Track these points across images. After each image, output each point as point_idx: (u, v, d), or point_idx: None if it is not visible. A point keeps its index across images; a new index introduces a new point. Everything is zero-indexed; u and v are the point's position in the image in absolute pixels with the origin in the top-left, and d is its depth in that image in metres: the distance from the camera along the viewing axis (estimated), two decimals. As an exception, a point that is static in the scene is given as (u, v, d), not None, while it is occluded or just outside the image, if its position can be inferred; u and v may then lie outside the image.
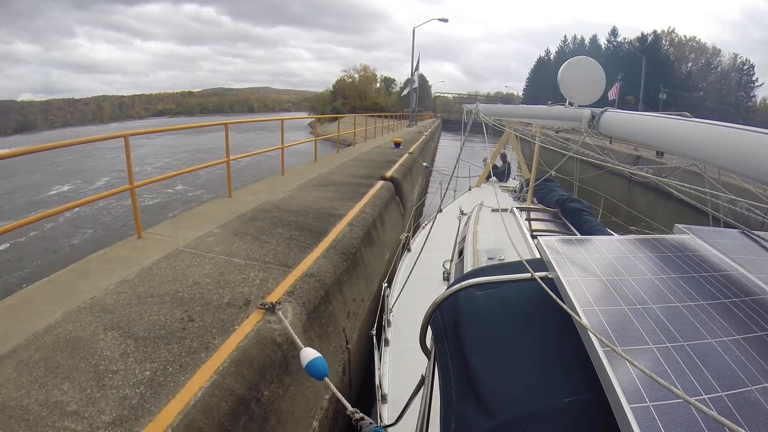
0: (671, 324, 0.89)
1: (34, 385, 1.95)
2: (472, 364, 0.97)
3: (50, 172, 20.16)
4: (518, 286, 1.13)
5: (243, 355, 2.19)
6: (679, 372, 0.75)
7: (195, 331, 2.38)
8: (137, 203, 3.93)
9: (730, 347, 0.82)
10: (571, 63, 3.49)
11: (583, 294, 0.97)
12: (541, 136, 4.66)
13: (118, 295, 2.79)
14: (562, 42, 64.92)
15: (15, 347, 2.24)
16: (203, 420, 1.78)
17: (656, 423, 0.65)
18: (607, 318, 0.89)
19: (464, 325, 1.08)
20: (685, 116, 1.47)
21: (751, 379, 0.75)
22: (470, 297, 1.14)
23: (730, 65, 49.14)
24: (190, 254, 3.51)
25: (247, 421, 1.97)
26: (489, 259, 3.14)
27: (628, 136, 1.84)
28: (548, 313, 1.00)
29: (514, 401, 0.86)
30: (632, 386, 0.71)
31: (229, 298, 2.77)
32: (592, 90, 3.33)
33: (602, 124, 2.00)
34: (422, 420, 1.26)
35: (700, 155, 1.17)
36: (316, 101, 80.00)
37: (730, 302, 0.98)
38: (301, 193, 6.10)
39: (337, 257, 3.76)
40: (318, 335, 2.93)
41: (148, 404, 1.83)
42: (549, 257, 1.14)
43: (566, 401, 0.82)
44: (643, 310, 0.93)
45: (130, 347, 2.23)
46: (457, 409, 0.94)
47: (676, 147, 1.31)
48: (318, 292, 3.11)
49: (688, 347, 0.82)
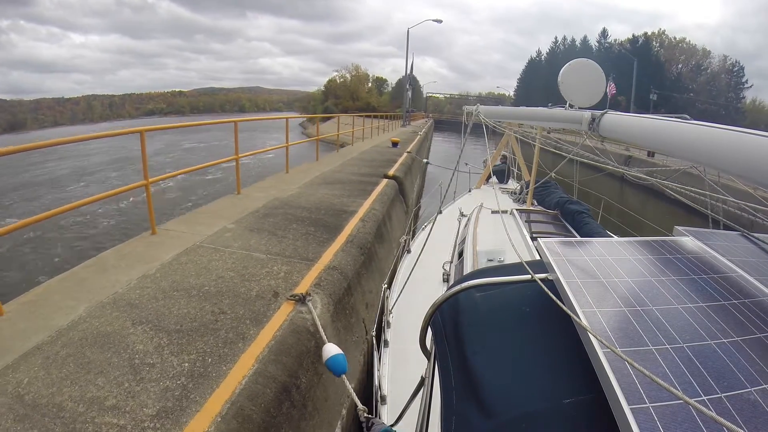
0: (671, 325, 0.89)
1: (66, 382, 1.89)
2: (472, 365, 0.97)
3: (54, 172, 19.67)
4: (518, 288, 1.13)
5: (280, 344, 2.17)
6: (679, 373, 0.76)
7: (228, 322, 2.35)
8: (152, 199, 3.86)
9: (729, 349, 0.83)
10: (572, 65, 3.51)
11: (583, 295, 0.98)
12: (542, 138, 4.70)
13: (141, 290, 2.74)
14: (553, 43, 65.88)
15: (39, 344, 2.18)
16: (251, 407, 1.75)
17: (656, 424, 0.65)
18: (607, 319, 0.90)
19: (464, 326, 1.07)
20: (685, 119, 1.49)
21: (750, 381, 0.75)
22: (470, 298, 1.14)
23: (720, 67, 50.22)
24: (209, 249, 3.46)
25: (289, 407, 1.96)
26: (489, 260, 3.16)
27: (628, 138, 1.84)
28: (548, 314, 1.00)
29: (514, 402, 0.86)
30: (632, 387, 0.71)
31: (257, 291, 2.73)
32: (592, 92, 3.33)
33: (602, 126, 2.00)
34: (422, 421, 1.26)
35: (700, 157, 1.19)
36: (307, 101, 79.84)
37: (730, 304, 0.98)
38: (308, 190, 6.07)
39: (355, 251, 3.75)
40: (344, 326, 2.92)
41: (192, 395, 1.79)
42: (549, 259, 1.14)
43: (566, 402, 0.82)
44: (643, 311, 0.93)
45: (163, 340, 2.18)
46: (457, 410, 0.94)
47: (676, 149, 1.32)
48: (341, 284, 3.10)
49: (687, 349, 0.82)
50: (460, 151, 4.41)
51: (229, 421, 1.65)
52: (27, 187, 16.10)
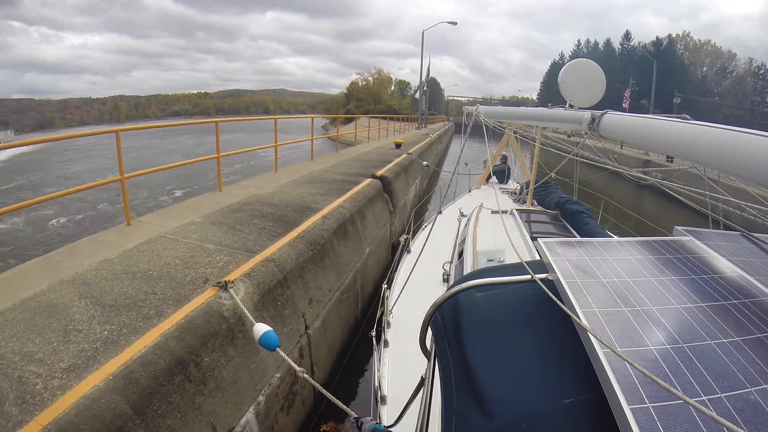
0: (671, 325, 0.89)
1: (12, 339, 2.31)
2: (472, 366, 0.97)
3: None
4: (518, 288, 1.14)
5: (189, 323, 2.51)
6: (679, 373, 0.76)
7: (154, 302, 2.73)
8: (127, 194, 4.34)
9: (729, 349, 0.83)
10: (572, 65, 3.54)
11: (583, 295, 0.98)
12: (542, 138, 4.74)
13: (97, 272, 3.16)
14: (576, 45, 64.33)
15: (3, 310, 2.62)
16: (140, 372, 2.10)
17: (656, 424, 0.65)
18: (607, 319, 0.90)
19: (464, 326, 1.08)
20: (685, 119, 1.51)
21: (750, 381, 0.75)
22: (470, 298, 1.14)
23: (745, 70, 47.90)
24: (168, 240, 3.88)
25: (183, 380, 2.28)
26: (489, 260, 3.19)
27: (627, 138, 1.87)
28: (548, 314, 1.00)
29: (515, 402, 0.87)
30: (632, 387, 0.72)
31: (192, 277, 3.11)
32: (592, 92, 3.33)
33: (602, 126, 2.03)
34: (422, 421, 1.27)
35: (700, 157, 1.20)
36: (330, 103, 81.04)
37: (730, 304, 0.98)
38: (287, 188, 6.44)
39: (302, 246, 4.07)
40: (271, 315, 3.23)
41: (99, 356, 2.17)
42: (549, 259, 1.15)
43: (566, 402, 0.82)
44: (643, 311, 0.94)
45: (97, 312, 2.58)
46: (457, 410, 0.95)
47: (675, 149, 1.35)
48: (275, 276, 3.42)
49: (687, 348, 0.82)
50: (460, 151, 4.58)
51: (118, 380, 2.01)
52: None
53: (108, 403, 1.91)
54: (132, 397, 2.00)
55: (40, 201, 4.07)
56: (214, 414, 2.43)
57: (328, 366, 4.27)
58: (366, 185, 7.22)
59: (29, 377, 2.00)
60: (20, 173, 21.02)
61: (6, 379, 1.97)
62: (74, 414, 1.80)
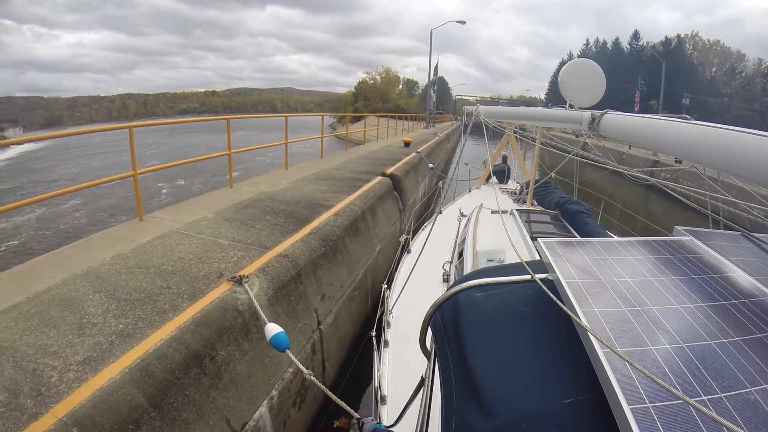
0: (670, 325, 0.89)
1: (27, 332, 2.29)
2: (472, 366, 0.97)
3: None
4: (518, 288, 1.14)
5: (204, 317, 2.48)
6: (679, 373, 0.76)
7: (169, 296, 2.70)
8: (139, 189, 4.33)
9: (729, 349, 0.83)
10: (572, 65, 3.55)
11: (583, 295, 0.98)
12: (542, 138, 4.71)
13: (111, 266, 3.15)
14: (584, 45, 63.66)
15: (17, 303, 2.61)
16: (157, 365, 2.07)
17: (656, 424, 0.65)
18: (607, 319, 0.90)
19: (464, 326, 1.08)
20: (686, 119, 1.49)
21: (750, 381, 0.75)
22: (470, 298, 1.14)
23: (755, 70, 47.18)
24: (181, 235, 3.86)
25: (199, 373, 2.25)
26: (489, 260, 3.18)
27: (628, 137, 1.86)
28: (548, 314, 1.00)
29: (515, 402, 0.87)
30: (632, 387, 0.72)
31: (206, 272, 3.08)
32: (592, 92, 3.30)
33: (602, 126, 2.01)
34: (422, 421, 1.27)
35: (700, 158, 1.20)
36: (338, 102, 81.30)
37: (730, 304, 0.98)
38: (298, 185, 6.42)
39: (315, 242, 4.03)
40: (285, 311, 3.20)
41: (115, 349, 2.14)
42: (549, 259, 1.15)
43: (566, 402, 0.82)
44: (643, 311, 0.94)
45: (111, 306, 2.56)
46: (457, 410, 0.95)
47: (675, 149, 1.34)
48: (289, 271, 3.38)
49: (687, 348, 0.82)
50: (460, 151, 4.55)
51: (134, 373, 1.98)
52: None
53: (124, 395, 1.88)
54: (148, 390, 1.97)
55: (58, 194, 4.08)
56: (229, 407, 2.40)
57: (338, 362, 4.23)
58: (376, 183, 7.17)
59: (44, 370, 1.97)
60: (22, 173, 21.30)
61: (21, 372, 1.94)
62: (90, 406, 1.77)
